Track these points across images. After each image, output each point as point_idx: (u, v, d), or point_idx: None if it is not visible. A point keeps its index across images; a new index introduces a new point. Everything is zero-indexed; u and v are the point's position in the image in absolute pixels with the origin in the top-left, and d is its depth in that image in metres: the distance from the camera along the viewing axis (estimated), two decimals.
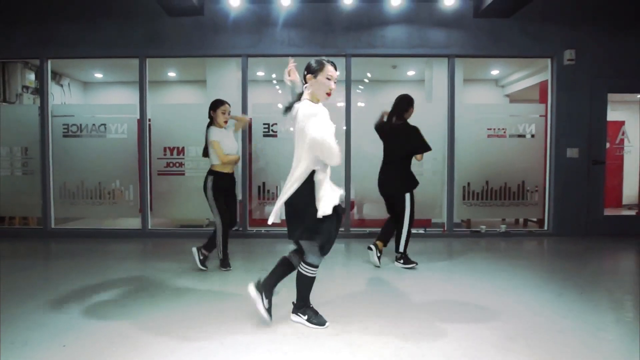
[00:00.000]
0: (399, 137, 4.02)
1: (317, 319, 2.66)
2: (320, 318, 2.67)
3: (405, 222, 4.03)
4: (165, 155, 5.54)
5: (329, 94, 2.55)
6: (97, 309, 2.94)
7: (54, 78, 7.70)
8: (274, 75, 8.16)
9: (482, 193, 5.58)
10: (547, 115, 5.57)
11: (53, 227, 5.60)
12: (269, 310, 2.64)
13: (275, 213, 2.56)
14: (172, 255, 4.50)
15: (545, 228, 5.62)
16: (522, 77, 7.95)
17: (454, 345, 2.38)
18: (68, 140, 5.56)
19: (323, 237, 2.48)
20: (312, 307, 2.71)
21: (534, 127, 5.54)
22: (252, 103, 5.59)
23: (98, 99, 8.98)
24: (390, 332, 2.56)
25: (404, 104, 4.03)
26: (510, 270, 3.92)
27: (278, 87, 8.52)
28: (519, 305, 3.02)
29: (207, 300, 3.13)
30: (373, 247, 4.04)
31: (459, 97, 5.79)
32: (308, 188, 2.47)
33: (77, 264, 4.16)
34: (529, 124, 5.54)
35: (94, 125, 5.54)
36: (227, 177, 3.91)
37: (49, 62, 5.60)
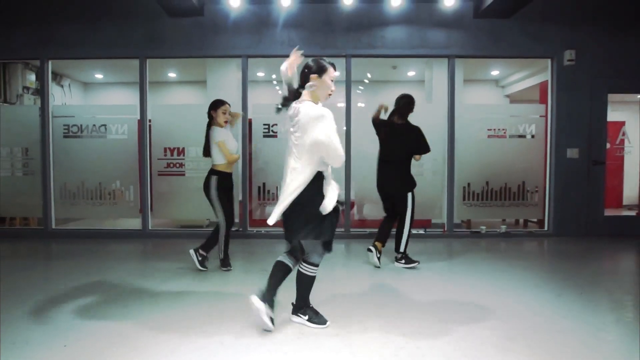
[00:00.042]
0: (402, 137, 4.03)
1: (318, 319, 2.66)
2: (321, 317, 2.67)
3: (407, 221, 4.04)
4: (166, 156, 5.55)
5: (330, 95, 2.57)
6: (97, 309, 2.94)
7: (55, 79, 7.71)
8: (274, 76, 8.16)
9: (482, 193, 5.58)
10: (547, 116, 5.57)
11: (54, 227, 5.60)
12: (272, 319, 2.58)
13: (277, 214, 2.53)
14: (172, 256, 4.50)
15: (546, 229, 5.62)
16: (522, 77, 7.95)
17: (454, 346, 2.39)
18: (68, 141, 5.56)
19: (329, 233, 2.51)
20: (312, 307, 2.72)
21: (534, 127, 5.54)
22: (252, 103, 5.59)
23: (98, 100, 8.99)
24: (390, 332, 2.57)
25: (408, 104, 4.05)
26: (510, 271, 3.93)
27: (278, 87, 8.52)
28: (519, 306, 3.02)
29: (207, 300, 3.13)
30: (373, 248, 4.05)
31: (459, 97, 5.79)
32: (315, 188, 2.47)
33: (77, 265, 4.17)
34: (529, 125, 5.54)
35: (95, 126, 5.55)
36: (229, 176, 3.94)
37: (50, 62, 5.61)
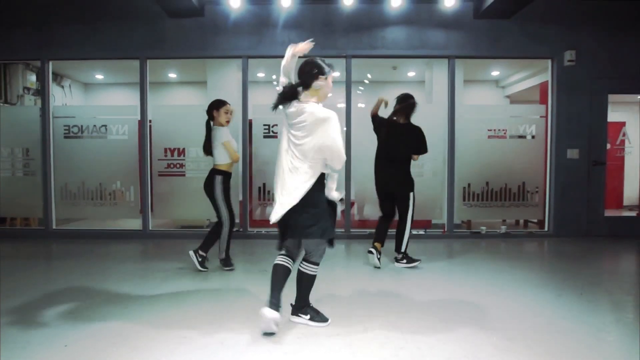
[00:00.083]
0: (404, 136, 4.06)
1: (319, 317, 2.68)
2: (322, 316, 2.69)
3: (408, 221, 4.07)
4: (166, 156, 5.55)
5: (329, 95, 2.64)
6: (98, 309, 2.95)
7: (55, 79, 7.71)
8: (274, 77, 8.16)
9: (482, 194, 5.58)
10: (547, 116, 5.57)
11: (54, 227, 5.61)
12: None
13: (280, 213, 2.52)
14: (172, 256, 4.50)
15: (546, 229, 5.62)
16: (522, 78, 7.95)
17: (454, 346, 2.39)
18: (69, 142, 5.57)
19: (332, 231, 2.57)
20: (312, 306, 2.73)
21: (535, 128, 5.54)
22: (252, 104, 5.60)
23: (99, 100, 8.99)
24: (390, 332, 2.57)
25: (413, 105, 4.10)
26: (511, 271, 3.93)
27: (278, 88, 8.51)
28: (519, 306, 3.02)
29: (207, 301, 3.14)
30: (373, 249, 4.05)
31: (459, 98, 5.79)
32: (318, 188, 2.51)
33: (78, 265, 4.17)
34: (530, 125, 5.54)
35: (95, 127, 5.56)
36: (230, 176, 3.98)
37: (50, 63, 5.61)
